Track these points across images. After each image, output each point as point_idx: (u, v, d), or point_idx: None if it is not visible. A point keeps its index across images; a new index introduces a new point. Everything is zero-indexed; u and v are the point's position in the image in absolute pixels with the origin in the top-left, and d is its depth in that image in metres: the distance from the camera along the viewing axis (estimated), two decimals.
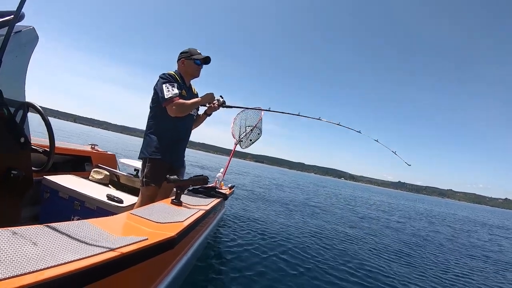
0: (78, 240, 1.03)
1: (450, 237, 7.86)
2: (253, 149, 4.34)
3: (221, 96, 2.71)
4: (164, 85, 2.35)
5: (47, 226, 1.07)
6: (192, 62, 2.53)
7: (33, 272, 0.77)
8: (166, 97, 2.31)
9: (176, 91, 2.33)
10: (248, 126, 4.32)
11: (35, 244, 0.91)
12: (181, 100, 2.34)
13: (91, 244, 1.02)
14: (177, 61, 2.59)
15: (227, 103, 2.80)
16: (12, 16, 1.30)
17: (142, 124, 2.55)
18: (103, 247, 1.01)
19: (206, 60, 2.59)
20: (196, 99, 2.49)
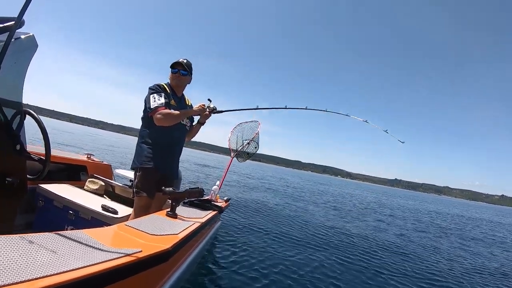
0: (72, 250, 1.02)
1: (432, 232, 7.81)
2: None
3: (209, 100, 2.67)
4: (151, 96, 2.42)
5: (40, 234, 1.06)
6: (171, 73, 2.60)
7: (26, 281, 0.76)
8: (151, 106, 2.37)
9: (162, 100, 2.38)
10: (245, 140, 4.32)
11: (26, 252, 0.89)
12: (166, 110, 2.37)
13: (85, 255, 1.01)
14: None
15: (218, 108, 2.74)
16: (13, 22, 1.32)
17: (138, 124, 2.57)
18: (97, 258, 1.00)
19: (177, 66, 2.57)
20: (183, 110, 2.50)
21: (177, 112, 2.44)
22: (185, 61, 2.59)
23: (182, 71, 2.57)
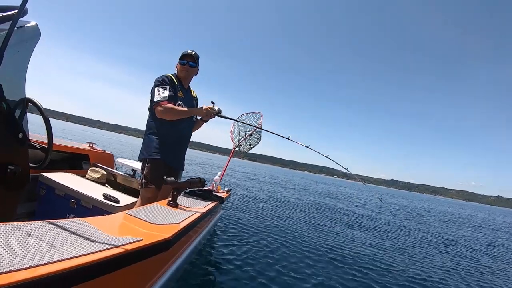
0: (73, 238, 1.03)
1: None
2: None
3: (212, 102, 2.62)
4: (156, 88, 2.40)
5: (42, 222, 1.07)
6: (179, 64, 2.58)
7: (27, 268, 0.76)
8: (155, 100, 2.38)
9: (165, 94, 2.37)
10: (248, 131, 4.32)
11: (26, 240, 0.90)
12: (169, 105, 2.36)
13: (86, 243, 1.01)
14: None
15: (222, 112, 2.69)
16: (16, 11, 1.31)
17: (134, 123, 2.60)
18: (97, 246, 1.01)
19: (188, 57, 2.56)
20: (184, 109, 2.47)
21: (180, 108, 2.43)
22: (193, 52, 2.58)
23: (191, 62, 2.56)
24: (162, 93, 2.37)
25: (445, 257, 5.57)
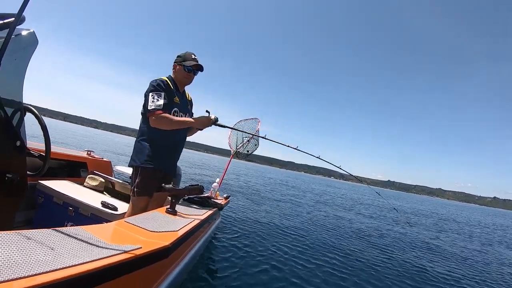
0: (71, 246, 1.02)
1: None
2: None
3: (207, 111, 2.51)
4: (150, 94, 2.26)
5: (40, 230, 1.06)
6: (182, 68, 2.42)
7: (26, 277, 0.76)
8: (149, 108, 2.22)
9: (160, 102, 2.22)
10: (245, 137, 4.32)
11: (24, 249, 0.90)
12: (164, 114, 2.23)
13: (84, 251, 1.01)
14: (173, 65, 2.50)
15: (219, 122, 2.57)
16: (13, 18, 1.31)
17: (132, 123, 2.54)
18: (96, 254, 1.00)
19: (198, 68, 2.45)
20: (186, 119, 2.37)
21: (176, 118, 2.31)
22: (197, 58, 2.46)
23: (195, 70, 2.47)
24: (157, 101, 2.22)
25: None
